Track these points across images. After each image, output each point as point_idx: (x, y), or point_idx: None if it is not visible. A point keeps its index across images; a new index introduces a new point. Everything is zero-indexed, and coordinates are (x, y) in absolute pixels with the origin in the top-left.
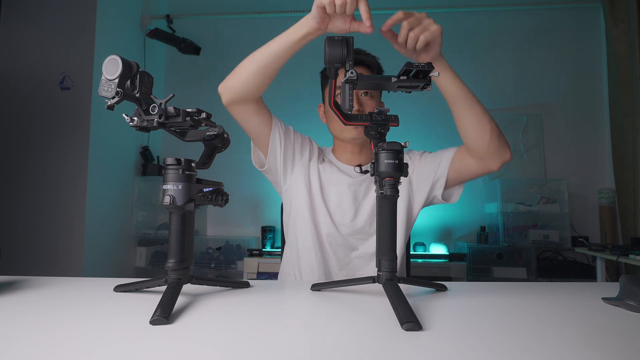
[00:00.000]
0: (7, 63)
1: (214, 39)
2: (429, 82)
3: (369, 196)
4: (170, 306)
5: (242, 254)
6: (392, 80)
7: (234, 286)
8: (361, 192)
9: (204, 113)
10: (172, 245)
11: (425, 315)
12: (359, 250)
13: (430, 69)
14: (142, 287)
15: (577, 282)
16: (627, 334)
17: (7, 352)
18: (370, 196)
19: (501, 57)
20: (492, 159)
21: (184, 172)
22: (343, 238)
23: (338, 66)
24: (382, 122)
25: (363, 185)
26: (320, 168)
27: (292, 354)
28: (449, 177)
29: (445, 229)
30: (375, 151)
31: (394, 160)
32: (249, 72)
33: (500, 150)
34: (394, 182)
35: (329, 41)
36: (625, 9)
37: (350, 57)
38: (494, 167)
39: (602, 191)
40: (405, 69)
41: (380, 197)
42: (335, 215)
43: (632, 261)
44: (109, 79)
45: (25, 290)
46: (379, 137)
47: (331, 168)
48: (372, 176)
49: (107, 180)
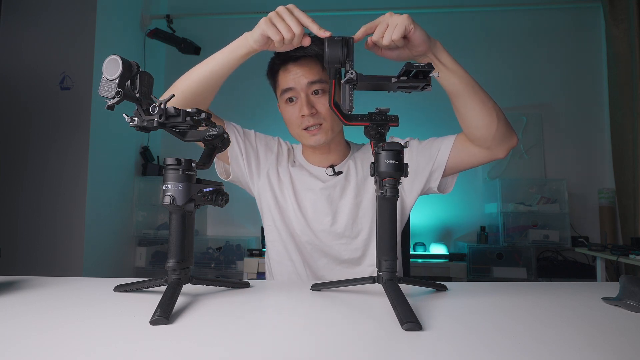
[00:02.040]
0: (7, 63)
1: (214, 39)
2: (429, 83)
3: (344, 198)
4: (170, 306)
5: (242, 254)
6: (392, 81)
7: (234, 286)
8: (336, 195)
9: (204, 113)
10: (172, 245)
11: (425, 315)
12: (343, 256)
13: (431, 69)
14: (142, 287)
15: (577, 282)
16: (627, 334)
17: (7, 352)
18: (346, 198)
19: (501, 57)
20: (499, 147)
21: (184, 172)
22: (325, 245)
23: (338, 66)
24: (382, 122)
25: (337, 187)
26: (292, 172)
27: (292, 354)
28: (447, 167)
29: (445, 229)
30: (376, 151)
31: (394, 161)
32: (189, 88)
33: (507, 137)
34: (394, 182)
35: (329, 42)
36: (625, 9)
37: (350, 57)
38: (501, 154)
39: (602, 191)
40: (405, 69)
41: (381, 197)
42: (313, 223)
43: (632, 261)
44: (109, 79)
45: (25, 290)
46: (379, 137)
47: (302, 172)
48: (372, 176)
49: (107, 180)
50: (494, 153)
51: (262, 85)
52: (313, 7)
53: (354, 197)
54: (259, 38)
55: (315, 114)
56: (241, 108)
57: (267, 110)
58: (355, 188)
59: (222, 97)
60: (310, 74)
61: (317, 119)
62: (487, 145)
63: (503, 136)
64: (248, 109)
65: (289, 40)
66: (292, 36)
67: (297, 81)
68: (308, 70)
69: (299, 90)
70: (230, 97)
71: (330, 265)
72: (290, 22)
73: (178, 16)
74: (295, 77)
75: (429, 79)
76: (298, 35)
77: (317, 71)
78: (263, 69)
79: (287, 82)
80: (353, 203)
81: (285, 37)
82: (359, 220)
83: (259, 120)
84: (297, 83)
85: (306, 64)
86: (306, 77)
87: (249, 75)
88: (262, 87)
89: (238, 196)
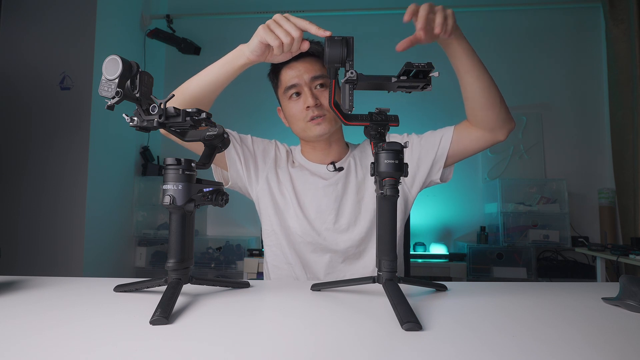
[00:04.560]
0: (7, 63)
1: (214, 39)
2: (429, 82)
3: (347, 195)
4: (170, 306)
5: (242, 254)
6: (392, 81)
7: (234, 286)
8: (338, 191)
9: (204, 113)
10: (172, 245)
11: (425, 315)
12: (349, 251)
13: (431, 69)
14: (142, 287)
15: (577, 282)
16: (627, 334)
17: (7, 352)
18: (348, 194)
19: (501, 57)
20: (501, 129)
21: (184, 172)
22: (329, 242)
23: (338, 66)
24: (382, 122)
25: (339, 184)
26: (292, 172)
27: (292, 354)
28: (449, 156)
29: (445, 229)
30: (376, 151)
31: (394, 160)
32: (185, 100)
33: (508, 119)
34: (395, 182)
35: (329, 41)
36: (625, 9)
37: (350, 57)
38: (502, 136)
39: (602, 191)
40: (405, 69)
41: (380, 197)
42: (316, 222)
43: (632, 261)
44: (109, 79)
45: (25, 290)
46: (379, 137)
47: (302, 172)
48: (372, 176)
49: (107, 180)
50: (496, 135)
51: (261, 88)
52: (314, 7)
53: (356, 193)
54: (256, 47)
55: (319, 106)
56: (239, 112)
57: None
58: (356, 185)
59: (220, 101)
60: (313, 70)
61: (321, 110)
62: (491, 127)
63: (505, 117)
64: (245, 112)
65: (288, 45)
66: (292, 40)
67: (300, 77)
68: (310, 67)
69: (302, 85)
70: (228, 102)
71: (334, 262)
72: (288, 26)
73: (178, 16)
74: (299, 74)
75: (429, 79)
76: (297, 38)
77: (318, 67)
78: (262, 72)
79: (291, 79)
80: (355, 199)
81: (285, 41)
82: (361, 216)
83: (257, 123)
84: (301, 79)
85: (308, 61)
86: (309, 72)
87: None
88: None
89: (238, 196)
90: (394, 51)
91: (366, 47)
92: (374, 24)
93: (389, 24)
